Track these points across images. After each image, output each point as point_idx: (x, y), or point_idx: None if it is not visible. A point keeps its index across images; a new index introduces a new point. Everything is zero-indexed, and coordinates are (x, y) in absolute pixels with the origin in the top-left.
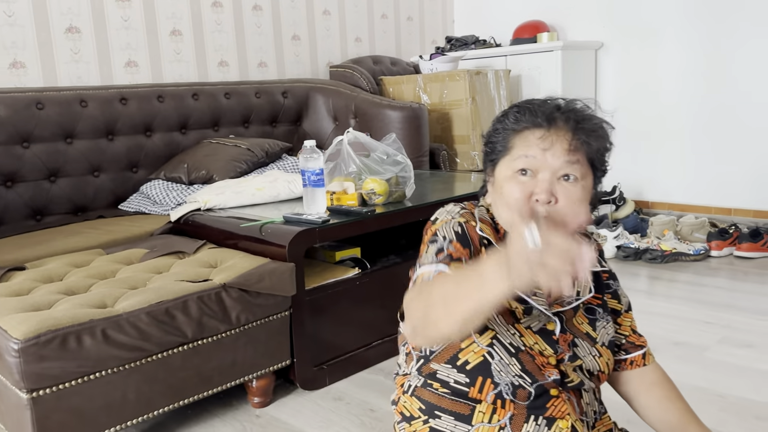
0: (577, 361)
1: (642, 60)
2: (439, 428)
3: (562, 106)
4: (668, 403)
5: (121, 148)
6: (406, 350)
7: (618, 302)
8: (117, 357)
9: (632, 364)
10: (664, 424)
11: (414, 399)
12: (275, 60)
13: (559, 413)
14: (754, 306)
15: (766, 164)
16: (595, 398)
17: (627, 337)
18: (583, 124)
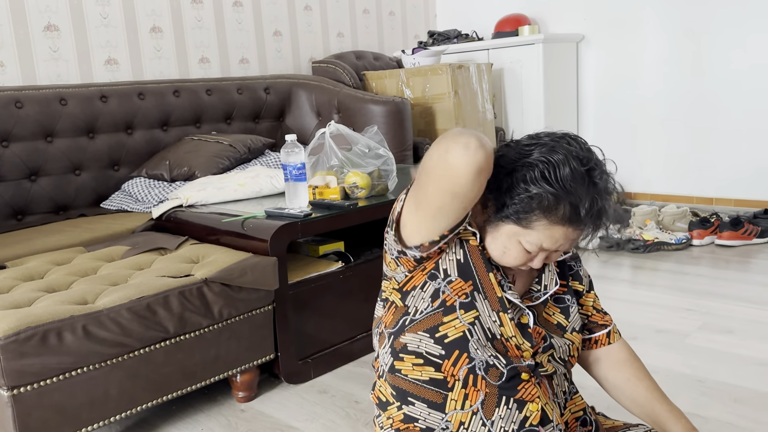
0: (550, 350)
1: (622, 52)
2: (413, 415)
3: (602, 207)
4: (636, 381)
5: (102, 146)
6: (378, 330)
7: (579, 283)
8: (98, 353)
9: (597, 343)
10: (632, 402)
11: (386, 384)
12: (257, 56)
13: (529, 396)
14: (735, 293)
15: (746, 153)
16: (565, 379)
17: (590, 317)
18: (607, 221)
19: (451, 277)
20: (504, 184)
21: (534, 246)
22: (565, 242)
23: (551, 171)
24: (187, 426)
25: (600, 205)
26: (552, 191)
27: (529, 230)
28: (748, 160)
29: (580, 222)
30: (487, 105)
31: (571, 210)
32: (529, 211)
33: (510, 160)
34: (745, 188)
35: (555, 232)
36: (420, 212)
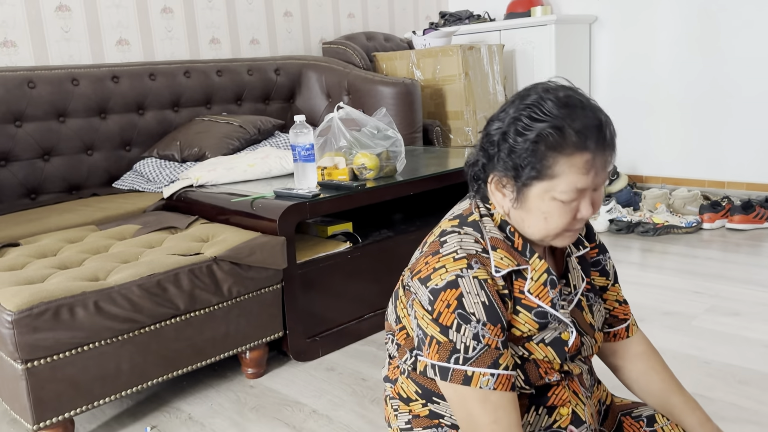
0: (578, 356)
1: (636, 33)
2: (439, 412)
3: (602, 121)
4: (652, 373)
5: (114, 127)
6: (397, 341)
7: (606, 278)
8: (110, 328)
9: (615, 336)
10: (647, 393)
11: (410, 381)
12: (267, 37)
13: (560, 401)
14: (744, 276)
15: (758, 137)
16: (589, 374)
17: (612, 311)
18: (614, 137)
19: (483, 320)
20: (502, 151)
21: (568, 193)
22: (594, 172)
23: (536, 110)
24: (197, 401)
25: (598, 118)
26: (549, 125)
27: (555, 179)
28: (761, 143)
29: (592, 141)
30: (498, 87)
31: (576, 133)
32: (542, 157)
33: (495, 128)
34: (757, 172)
35: (577, 164)
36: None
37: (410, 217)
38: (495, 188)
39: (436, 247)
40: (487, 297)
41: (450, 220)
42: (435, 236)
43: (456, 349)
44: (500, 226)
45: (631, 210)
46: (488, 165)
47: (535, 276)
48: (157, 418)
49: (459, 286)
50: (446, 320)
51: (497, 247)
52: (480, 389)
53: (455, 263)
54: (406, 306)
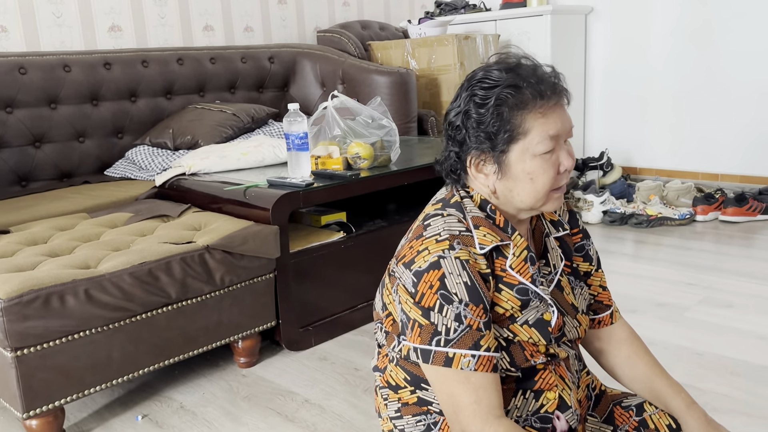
0: (563, 338)
1: (631, 25)
2: (427, 398)
3: (548, 70)
4: (636, 358)
5: (106, 114)
6: (385, 328)
7: (590, 264)
8: (100, 317)
9: (600, 323)
10: (632, 379)
11: (399, 369)
12: (261, 24)
13: (546, 385)
14: (737, 268)
15: (753, 129)
16: (576, 359)
17: (596, 296)
18: (563, 80)
19: (465, 301)
20: (469, 130)
21: (544, 143)
22: (559, 117)
23: (486, 80)
24: (189, 390)
25: (543, 69)
26: (503, 87)
27: (528, 135)
28: (755, 136)
29: (546, 88)
30: None
31: (530, 86)
32: (509, 118)
33: (454, 114)
34: (750, 164)
35: (542, 114)
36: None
37: (404, 207)
38: (476, 170)
39: (420, 231)
40: (468, 277)
41: (433, 204)
42: (419, 221)
43: (437, 331)
44: (480, 205)
45: (625, 202)
46: (461, 151)
47: (517, 252)
48: (149, 407)
49: (441, 267)
50: (429, 301)
51: (479, 225)
52: (461, 370)
53: (438, 245)
54: (391, 292)
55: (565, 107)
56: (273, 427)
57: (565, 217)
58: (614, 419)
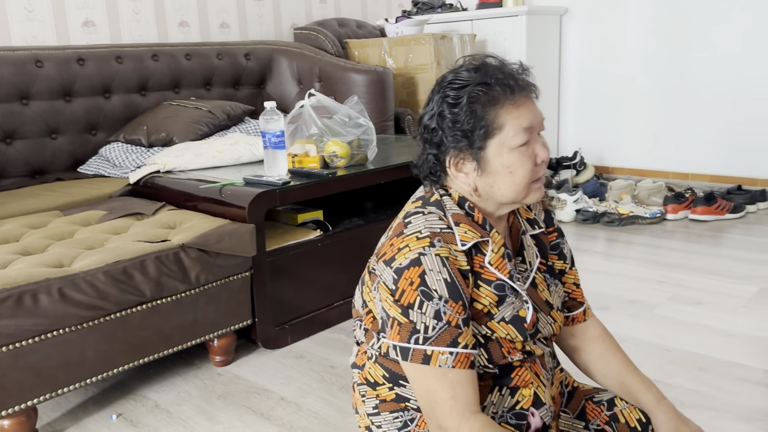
0: (538, 335)
1: (605, 27)
2: (405, 395)
3: (514, 67)
4: (608, 355)
5: (79, 110)
6: (365, 326)
7: (564, 262)
8: (74, 315)
9: (574, 321)
10: (604, 376)
11: (378, 366)
12: (237, 21)
13: (522, 382)
14: (706, 266)
15: (722, 130)
16: (551, 357)
17: (570, 294)
18: (529, 74)
19: (445, 297)
20: (445, 131)
21: (519, 135)
22: (530, 109)
23: (456, 82)
24: (164, 388)
25: (510, 65)
26: (473, 85)
27: (503, 129)
28: (724, 137)
29: (514, 83)
30: None
31: (499, 82)
32: (483, 115)
33: (428, 117)
34: (719, 165)
35: (513, 107)
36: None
37: (381, 205)
38: (456, 170)
39: (401, 229)
40: (449, 274)
41: (413, 202)
42: (400, 219)
43: (416, 329)
44: (459, 203)
45: (597, 200)
46: (439, 152)
47: (495, 248)
48: (123, 406)
49: (422, 264)
50: (409, 298)
51: (460, 222)
52: (439, 367)
53: (418, 242)
54: (371, 290)
55: (534, 100)
56: (248, 425)
57: (541, 215)
58: (586, 414)
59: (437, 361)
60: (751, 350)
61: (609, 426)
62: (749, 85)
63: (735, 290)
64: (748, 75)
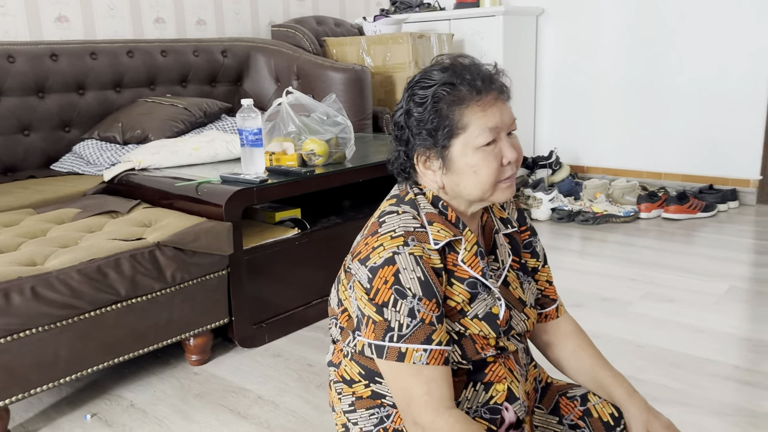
0: (511, 331)
1: (580, 27)
2: (380, 392)
3: (487, 68)
4: (580, 351)
5: (53, 107)
6: (340, 324)
7: (537, 260)
8: (47, 314)
9: (547, 317)
10: (577, 371)
11: (354, 363)
12: (214, 18)
13: (496, 377)
14: (678, 264)
15: (694, 131)
16: (524, 353)
17: (543, 291)
18: (501, 75)
19: (419, 295)
20: (412, 129)
21: (484, 135)
22: (497, 110)
23: (425, 81)
24: (139, 388)
25: (481, 66)
26: (439, 85)
27: (467, 129)
28: (697, 137)
29: (481, 84)
30: None
31: (466, 82)
32: (447, 114)
33: (398, 116)
34: (692, 164)
35: (479, 108)
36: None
37: (359, 204)
38: (424, 167)
39: (376, 228)
40: (422, 272)
41: (388, 200)
42: (374, 218)
43: (390, 327)
44: (433, 202)
45: (572, 199)
46: (408, 149)
47: (468, 246)
48: (98, 406)
49: (396, 263)
50: (383, 297)
51: (433, 222)
52: (413, 364)
53: (392, 241)
54: (347, 289)
55: (505, 101)
56: (225, 424)
57: (514, 215)
58: (560, 409)
59: (412, 358)
60: (721, 346)
61: (582, 421)
62: (721, 85)
63: (706, 288)
64: (720, 76)
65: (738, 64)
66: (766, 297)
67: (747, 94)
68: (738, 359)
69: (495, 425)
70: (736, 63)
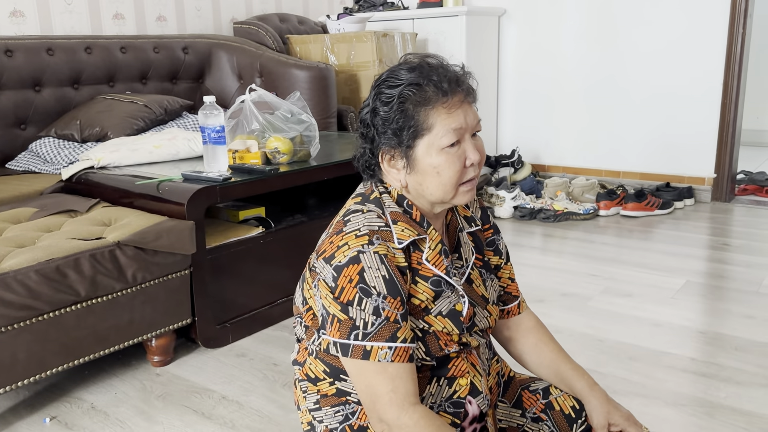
0: (474, 328)
1: (541, 28)
2: (345, 389)
3: (454, 69)
4: (542, 345)
5: (7, 104)
6: (305, 323)
7: (499, 257)
8: (4, 316)
9: (509, 314)
10: (538, 365)
11: (318, 361)
12: (175, 14)
13: (459, 372)
14: (636, 260)
15: (652, 130)
16: (487, 348)
17: (505, 288)
18: (468, 77)
19: (383, 294)
20: (377, 127)
21: (448, 136)
22: (462, 112)
23: (392, 80)
24: (100, 390)
25: (448, 68)
26: (406, 85)
27: (432, 130)
28: (654, 136)
29: (447, 85)
30: None
31: (432, 83)
32: (413, 114)
33: (364, 114)
34: (649, 163)
35: (444, 109)
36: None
37: (324, 202)
38: (388, 166)
39: (340, 227)
40: (387, 271)
41: (353, 198)
42: (339, 217)
43: (356, 326)
44: (398, 201)
45: (534, 197)
46: (373, 147)
47: (432, 245)
48: (57, 409)
49: (361, 262)
50: (348, 296)
51: (398, 221)
52: (378, 362)
53: (357, 240)
54: (312, 287)
55: (471, 103)
56: (189, 425)
57: (478, 213)
58: (522, 403)
59: (377, 356)
60: (678, 339)
61: (545, 414)
62: (677, 86)
63: (663, 282)
64: (675, 77)
65: (693, 67)
66: (721, 291)
67: (701, 96)
68: (694, 352)
69: (459, 419)
70: (691, 65)
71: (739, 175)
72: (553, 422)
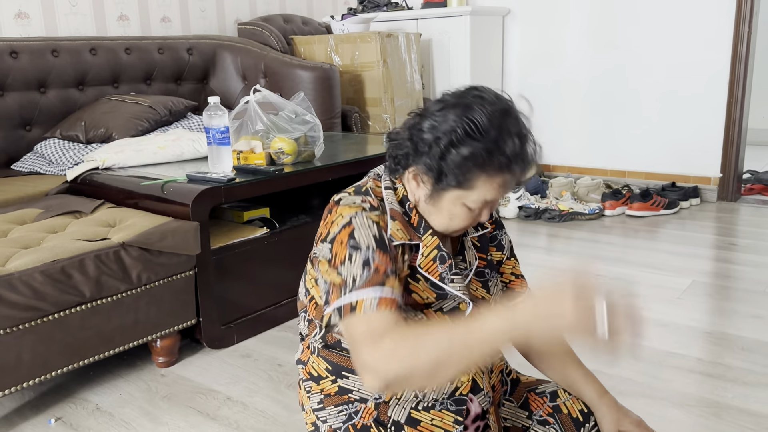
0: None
1: (546, 28)
2: (347, 387)
3: (529, 149)
4: (552, 347)
5: (13, 105)
6: (308, 317)
7: (501, 252)
8: (9, 317)
9: None
10: (547, 367)
11: (320, 359)
12: (179, 15)
13: None
14: (642, 260)
15: (657, 129)
16: None
17: (508, 284)
18: (536, 156)
19: (372, 247)
20: (432, 154)
21: (478, 203)
22: (505, 190)
23: (473, 126)
24: (105, 391)
25: (526, 144)
26: (482, 146)
27: (471, 190)
28: (659, 136)
29: (517, 166)
30: (415, 75)
31: (505, 158)
32: (467, 171)
33: (429, 127)
34: (654, 163)
35: (495, 183)
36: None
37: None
38: (413, 178)
39: (332, 206)
40: (378, 232)
41: (347, 189)
42: (332, 200)
43: (346, 283)
44: (401, 201)
45: (539, 197)
46: (414, 157)
47: (426, 252)
48: (63, 410)
49: (352, 224)
50: (340, 257)
51: (395, 218)
52: (364, 314)
53: (351, 209)
54: (314, 276)
55: (514, 183)
56: (194, 425)
57: None
58: (529, 405)
59: (362, 308)
60: (684, 340)
61: (552, 417)
62: (682, 85)
63: (669, 283)
64: (681, 76)
65: (698, 66)
66: (728, 291)
67: (707, 95)
68: (701, 352)
69: (461, 416)
70: (697, 64)
71: (746, 175)
72: (561, 425)
